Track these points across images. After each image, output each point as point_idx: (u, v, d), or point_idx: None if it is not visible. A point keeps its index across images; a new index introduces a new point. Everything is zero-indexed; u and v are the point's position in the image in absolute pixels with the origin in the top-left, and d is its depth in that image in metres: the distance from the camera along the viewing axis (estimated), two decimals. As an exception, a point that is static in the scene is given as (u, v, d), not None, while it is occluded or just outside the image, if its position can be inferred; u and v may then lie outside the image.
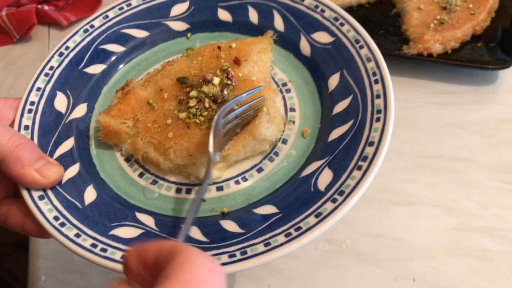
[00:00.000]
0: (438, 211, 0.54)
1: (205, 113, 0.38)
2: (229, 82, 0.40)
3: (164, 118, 0.39)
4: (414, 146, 0.59)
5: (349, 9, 0.72)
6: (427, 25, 0.66)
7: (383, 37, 0.68)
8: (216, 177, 0.38)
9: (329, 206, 0.33)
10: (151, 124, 0.39)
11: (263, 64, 0.43)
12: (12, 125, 0.39)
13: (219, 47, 0.43)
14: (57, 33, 0.79)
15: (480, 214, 0.53)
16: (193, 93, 0.39)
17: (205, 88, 0.39)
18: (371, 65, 0.39)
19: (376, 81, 0.38)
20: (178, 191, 0.38)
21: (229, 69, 0.41)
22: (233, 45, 0.43)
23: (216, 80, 0.40)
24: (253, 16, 0.46)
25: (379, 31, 0.69)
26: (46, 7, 0.81)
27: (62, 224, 0.34)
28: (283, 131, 0.40)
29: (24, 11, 0.77)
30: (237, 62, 0.41)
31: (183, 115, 0.39)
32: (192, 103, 0.39)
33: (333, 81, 0.40)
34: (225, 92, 0.39)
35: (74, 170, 0.38)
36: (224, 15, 0.47)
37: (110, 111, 0.40)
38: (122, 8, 0.47)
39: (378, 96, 0.37)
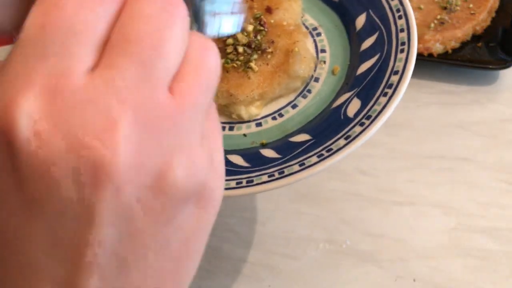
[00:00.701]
0: (439, 211, 0.54)
1: (241, 58, 0.42)
2: (261, 28, 0.44)
3: None
4: (414, 146, 0.59)
5: (349, 9, 0.72)
6: (427, 25, 0.66)
7: (383, 37, 0.68)
8: (255, 114, 0.42)
9: (358, 129, 0.35)
10: None
11: (293, 10, 0.46)
12: None
13: None
14: (57, 33, 0.79)
15: (481, 214, 0.53)
16: (229, 40, 0.43)
17: (239, 36, 0.43)
18: (394, 2, 0.41)
19: (400, 17, 0.40)
20: (222, 128, 0.42)
21: (262, 16, 0.44)
22: None
23: (250, 27, 0.43)
24: None
25: (379, 31, 0.69)
26: (46, 7, 0.81)
27: None
28: (315, 70, 0.44)
29: (24, 11, 0.77)
30: (268, 10, 0.45)
31: (221, 61, 0.42)
32: (229, 49, 0.43)
33: (360, 21, 0.43)
34: (259, 37, 0.43)
35: None
36: None
37: None
38: None
39: (402, 30, 0.39)
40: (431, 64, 0.65)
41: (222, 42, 0.44)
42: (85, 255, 0.17)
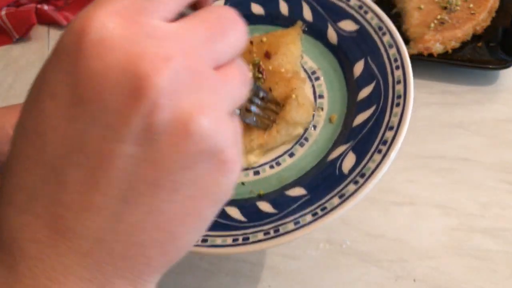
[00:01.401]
0: (439, 211, 0.54)
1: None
2: (260, 75, 0.43)
3: None
4: (414, 146, 0.59)
5: (349, 9, 0.72)
6: (427, 25, 0.66)
7: (383, 37, 0.68)
8: (253, 162, 0.42)
9: (352, 188, 0.35)
10: None
11: (292, 55, 0.46)
12: None
13: (251, 42, 0.46)
14: (57, 33, 0.79)
15: (481, 214, 0.53)
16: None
17: None
18: (392, 51, 0.41)
19: (397, 67, 0.40)
20: None
21: (260, 63, 0.44)
22: (264, 39, 0.46)
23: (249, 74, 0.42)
24: (284, 8, 0.49)
25: (379, 31, 0.69)
26: (45, 7, 0.81)
27: None
28: (313, 116, 0.43)
29: (24, 11, 0.77)
30: (267, 55, 0.44)
31: None
32: None
33: (358, 67, 0.43)
34: (258, 84, 0.43)
35: None
36: (257, 8, 0.49)
37: None
38: None
39: (398, 82, 0.39)
40: (431, 64, 0.66)
41: None
42: (104, 165, 0.18)
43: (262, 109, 0.41)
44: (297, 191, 0.38)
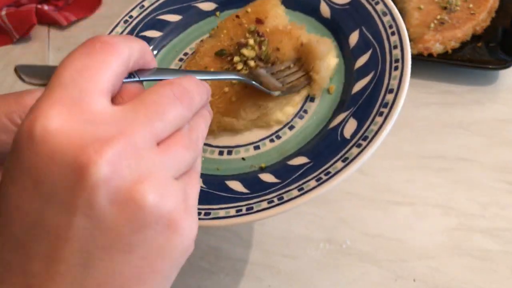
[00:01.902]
0: (439, 211, 0.54)
1: None
2: (262, 38, 0.44)
3: (220, 89, 0.42)
4: (414, 146, 0.59)
5: (349, 9, 0.72)
6: (427, 25, 0.66)
7: (383, 37, 0.68)
8: (292, 113, 0.42)
9: (355, 151, 0.35)
10: (212, 98, 0.42)
11: (281, 16, 0.46)
12: None
13: (237, 16, 0.46)
14: (57, 33, 0.79)
15: (481, 214, 0.53)
16: (236, 58, 0.43)
17: (245, 51, 0.43)
18: (387, 18, 0.41)
19: (393, 33, 0.40)
20: (221, 153, 0.42)
21: (256, 28, 0.45)
22: (249, 9, 0.46)
23: (251, 41, 0.43)
24: None
25: (379, 31, 0.69)
26: (46, 7, 0.81)
27: None
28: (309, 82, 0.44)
29: (24, 11, 0.77)
30: (259, 21, 0.45)
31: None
32: (239, 66, 0.43)
33: (353, 38, 0.43)
34: (263, 48, 0.43)
35: None
36: None
37: None
38: None
39: (395, 47, 0.39)
40: (431, 64, 0.66)
41: (228, 63, 0.44)
42: (61, 237, 0.21)
43: (287, 77, 0.41)
44: (300, 160, 0.38)
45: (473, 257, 0.50)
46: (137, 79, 0.26)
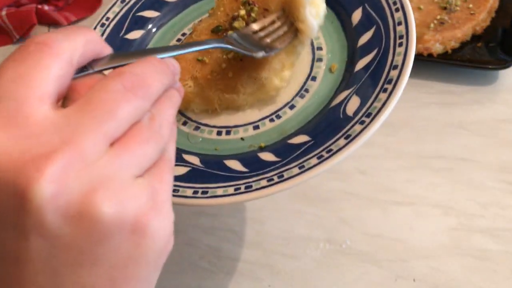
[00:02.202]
0: (439, 211, 0.54)
1: None
2: (252, 6, 0.43)
3: (218, 66, 0.42)
4: (414, 146, 0.59)
5: (349, 9, 0.72)
6: (427, 25, 0.66)
7: (383, 37, 0.68)
8: (288, 77, 0.41)
9: (358, 128, 0.34)
10: (210, 75, 0.42)
11: None
12: None
13: None
14: (57, 33, 0.79)
15: (481, 214, 0.53)
16: (230, 32, 0.41)
17: (236, 24, 0.42)
18: None
19: (397, 10, 0.39)
20: (219, 133, 0.41)
21: None
22: None
23: (242, 12, 0.42)
24: None
25: (379, 31, 0.69)
26: (46, 7, 0.81)
27: None
28: (312, 67, 0.43)
29: (24, 11, 0.77)
30: None
31: (231, 54, 0.41)
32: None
33: (356, 16, 0.42)
34: (253, 14, 0.42)
35: None
36: None
37: None
38: None
39: (399, 23, 0.38)
40: (431, 64, 0.66)
41: (220, 35, 0.43)
42: (21, 260, 0.20)
43: (273, 32, 0.40)
44: (301, 139, 0.37)
45: (473, 257, 0.50)
46: (91, 71, 0.23)
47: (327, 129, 0.36)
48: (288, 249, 0.52)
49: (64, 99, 0.22)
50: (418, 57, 0.64)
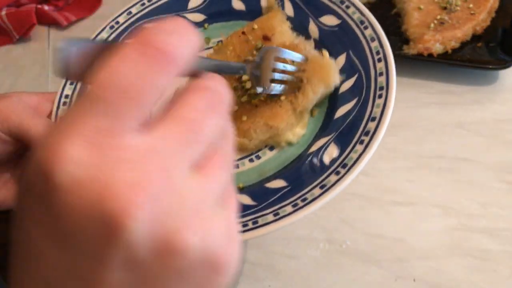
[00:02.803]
0: (439, 211, 0.54)
1: None
2: None
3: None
4: (414, 146, 0.59)
5: (349, 9, 0.72)
6: (427, 25, 0.66)
7: (383, 37, 0.68)
8: (302, 134, 0.41)
9: (333, 178, 0.35)
10: None
11: (287, 32, 0.45)
12: (49, 117, 0.42)
13: (243, 32, 0.45)
14: (57, 33, 0.79)
15: (481, 214, 0.53)
16: (245, 77, 0.42)
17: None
18: (374, 44, 0.40)
19: (379, 60, 0.40)
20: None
21: (263, 45, 0.43)
22: (255, 26, 0.45)
23: (258, 59, 0.42)
24: (264, 3, 0.49)
25: (379, 31, 0.69)
26: (46, 7, 0.81)
27: None
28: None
29: (24, 11, 0.77)
30: (266, 38, 0.44)
31: (245, 98, 0.41)
32: (248, 85, 0.41)
33: (340, 61, 0.42)
34: None
35: None
36: (238, 4, 0.49)
37: None
38: (144, 3, 0.50)
39: (381, 74, 0.39)
40: (431, 64, 0.66)
41: (236, 81, 0.43)
42: (98, 286, 0.19)
43: (287, 73, 0.40)
44: (278, 183, 0.37)
45: (473, 257, 0.50)
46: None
47: (304, 176, 0.37)
48: (288, 249, 0.52)
49: None
50: (418, 57, 0.64)
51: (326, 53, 0.41)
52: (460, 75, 0.66)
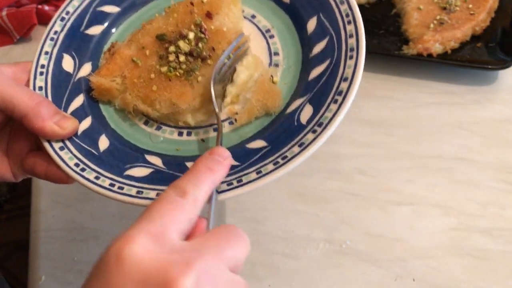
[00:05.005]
0: (438, 211, 0.54)
1: (184, 66, 0.43)
2: (202, 35, 0.44)
3: (148, 73, 0.43)
4: (414, 146, 0.59)
5: (349, 9, 0.72)
6: (427, 25, 0.66)
7: (383, 37, 0.68)
8: (201, 120, 0.43)
9: (310, 136, 0.37)
10: (137, 80, 0.43)
11: (233, 15, 0.46)
12: (27, 86, 0.43)
13: (191, 3, 0.46)
14: (57, 33, 0.79)
15: (480, 214, 0.53)
16: (171, 48, 0.43)
17: (181, 44, 0.43)
18: (344, 7, 0.42)
19: (349, 22, 0.41)
20: (180, 134, 0.43)
21: (202, 23, 0.44)
22: (204, 0, 0.46)
23: (191, 35, 0.43)
24: None
25: (379, 31, 0.69)
26: (46, 7, 0.81)
27: (83, 169, 0.39)
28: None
29: (25, 11, 0.77)
30: (209, 15, 0.45)
31: (164, 69, 0.43)
32: (171, 57, 0.43)
33: (311, 24, 0.44)
34: (200, 45, 0.43)
35: (87, 122, 0.43)
36: None
37: (100, 71, 0.44)
38: None
39: (351, 36, 0.40)
40: (431, 64, 0.66)
41: (164, 50, 0.44)
42: None
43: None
44: (258, 144, 0.39)
45: (473, 256, 0.50)
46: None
47: (282, 135, 0.38)
48: (288, 249, 0.52)
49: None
50: (418, 57, 0.64)
51: (277, 79, 0.42)
52: (459, 75, 0.66)
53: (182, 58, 0.43)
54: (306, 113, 0.39)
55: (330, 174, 0.57)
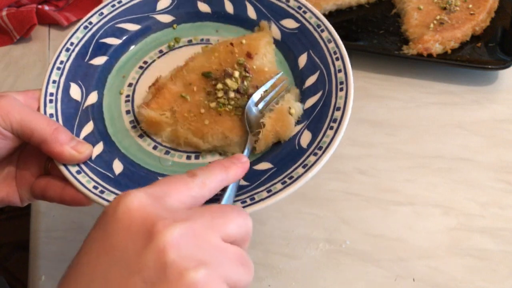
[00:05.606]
0: (438, 211, 0.54)
1: (232, 102, 0.45)
2: (247, 74, 0.47)
3: (197, 108, 0.46)
4: (414, 146, 0.59)
5: (349, 10, 0.72)
6: (427, 25, 0.66)
7: (383, 37, 0.68)
8: (236, 152, 0.46)
9: (312, 158, 0.40)
10: (187, 114, 0.45)
11: (270, 55, 0.50)
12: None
13: (231, 44, 0.49)
14: (57, 33, 0.79)
15: (480, 214, 0.53)
16: (219, 85, 0.46)
17: (228, 81, 0.46)
18: (331, 45, 0.47)
19: (337, 59, 0.46)
20: (188, 157, 0.45)
21: (245, 62, 0.48)
22: (243, 41, 0.49)
23: (236, 74, 0.47)
24: (229, 6, 0.53)
25: (379, 31, 0.69)
26: (46, 7, 0.81)
27: (102, 192, 0.41)
28: None
29: (25, 11, 0.77)
30: (249, 56, 0.48)
31: (213, 104, 0.45)
32: (220, 94, 0.46)
33: (302, 60, 0.48)
34: (245, 83, 0.46)
35: (99, 148, 0.45)
36: (203, 7, 0.53)
37: (150, 104, 0.47)
38: (114, 5, 0.53)
39: (339, 71, 0.45)
40: (431, 64, 0.66)
41: (211, 86, 0.46)
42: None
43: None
44: (264, 166, 0.42)
45: (473, 256, 0.50)
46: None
47: (286, 158, 0.42)
48: (288, 249, 0.52)
49: None
50: (418, 57, 0.64)
51: (293, 110, 0.45)
52: (459, 75, 0.66)
53: (231, 94, 0.45)
54: (306, 138, 0.42)
55: (330, 174, 0.57)
